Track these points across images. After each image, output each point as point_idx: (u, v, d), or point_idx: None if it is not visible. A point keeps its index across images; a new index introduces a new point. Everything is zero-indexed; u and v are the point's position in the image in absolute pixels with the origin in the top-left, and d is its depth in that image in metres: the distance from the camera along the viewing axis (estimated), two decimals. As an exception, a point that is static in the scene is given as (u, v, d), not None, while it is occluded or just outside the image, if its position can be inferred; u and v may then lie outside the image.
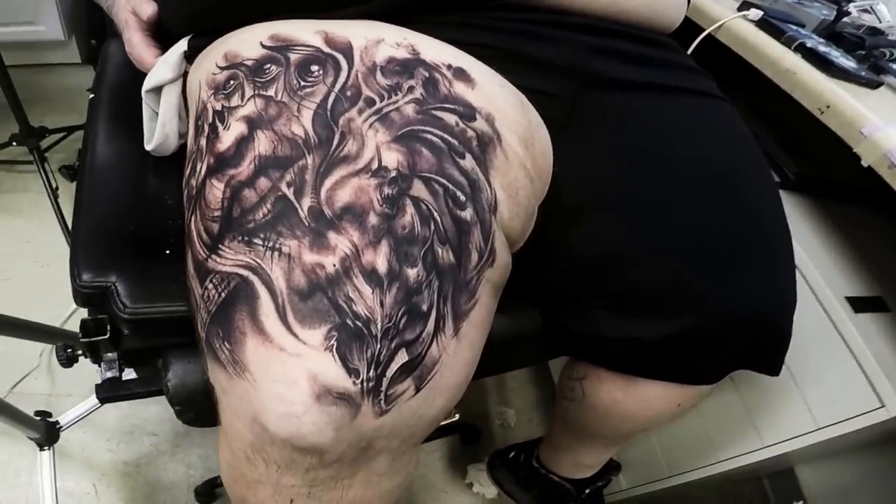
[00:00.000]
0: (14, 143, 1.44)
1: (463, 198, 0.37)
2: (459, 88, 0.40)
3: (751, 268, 0.51)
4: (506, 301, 0.58)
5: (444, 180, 0.37)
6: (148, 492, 0.98)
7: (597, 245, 0.51)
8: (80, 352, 0.48)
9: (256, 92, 0.38)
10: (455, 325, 0.36)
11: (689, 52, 0.77)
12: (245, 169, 0.36)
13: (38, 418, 0.83)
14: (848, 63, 0.64)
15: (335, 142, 0.36)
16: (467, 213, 0.37)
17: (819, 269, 0.64)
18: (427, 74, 0.39)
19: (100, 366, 0.48)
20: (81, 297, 0.47)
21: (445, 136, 0.38)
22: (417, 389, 0.35)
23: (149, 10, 0.53)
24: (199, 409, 0.46)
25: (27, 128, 1.39)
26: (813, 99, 0.62)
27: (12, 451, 0.93)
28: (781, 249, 0.53)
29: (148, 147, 0.57)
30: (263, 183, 0.35)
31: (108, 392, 0.46)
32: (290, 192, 0.35)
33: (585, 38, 0.49)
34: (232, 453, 0.37)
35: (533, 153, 0.43)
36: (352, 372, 0.32)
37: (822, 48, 0.66)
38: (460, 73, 0.41)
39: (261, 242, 0.34)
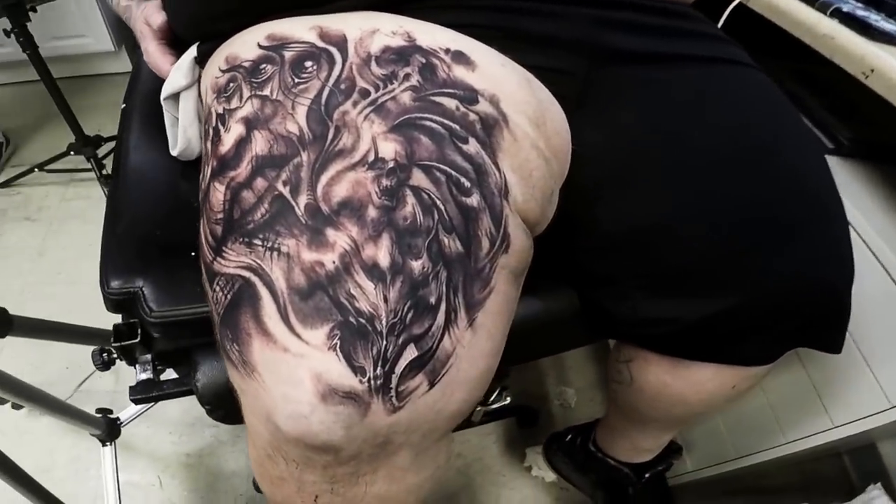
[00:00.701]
0: (72, 153, 1.53)
1: (468, 184, 0.36)
2: (459, 72, 0.39)
3: (803, 237, 0.47)
4: (540, 284, 0.57)
5: (446, 167, 0.35)
6: (210, 481, 1.03)
7: (625, 221, 0.49)
8: (115, 355, 0.51)
9: (253, 92, 0.38)
10: (469, 315, 0.35)
11: (721, 23, 0.75)
12: (243, 170, 0.36)
13: (100, 415, 0.89)
14: (889, 26, 0.61)
15: (330, 136, 0.35)
16: (474, 200, 0.36)
17: (881, 235, 0.60)
18: (424, 60, 0.38)
19: (135, 368, 0.50)
20: (111, 303, 0.48)
21: (446, 121, 0.36)
22: (431, 384, 0.34)
23: (159, 19, 0.55)
24: (228, 407, 0.47)
25: (83, 137, 1.48)
26: (855, 63, 0.59)
27: (82, 446, 1.00)
28: (836, 216, 0.50)
29: (173, 152, 0.58)
30: (260, 183, 0.35)
31: (141, 393, 0.48)
32: (286, 191, 0.34)
33: (588, 10, 0.47)
34: (256, 451, 0.38)
35: (546, 132, 0.42)
36: (357, 370, 0.32)
37: (861, 12, 0.63)
38: (459, 56, 0.39)
39: (260, 243, 0.34)
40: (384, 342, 0.32)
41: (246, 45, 0.41)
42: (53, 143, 1.70)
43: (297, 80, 0.37)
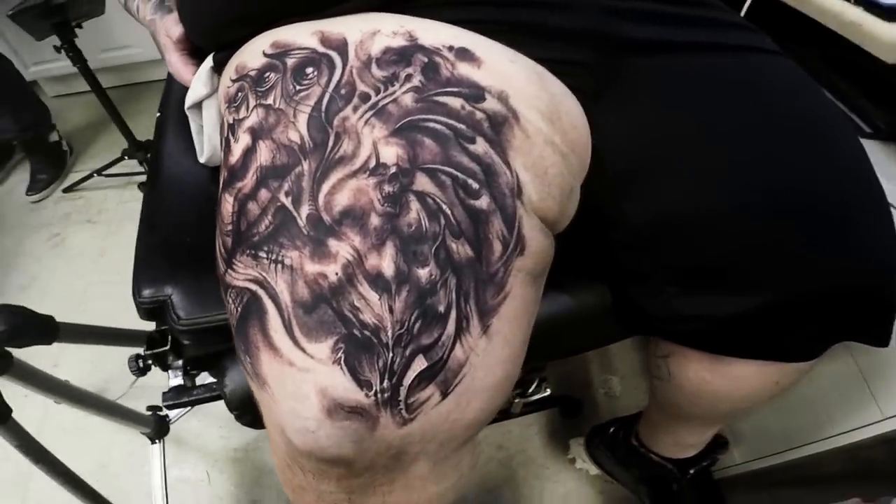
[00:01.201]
0: (126, 157, 1.60)
1: (476, 185, 0.35)
2: (464, 69, 0.37)
3: (856, 224, 0.44)
4: (570, 280, 0.56)
5: (451, 169, 0.34)
6: (255, 476, 1.05)
7: (654, 215, 0.47)
8: (150, 361, 0.53)
9: (258, 102, 0.38)
10: (482, 322, 0.34)
11: (743, 12, 0.74)
12: (249, 181, 0.36)
13: (149, 413, 0.93)
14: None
15: (330, 144, 0.35)
16: (483, 202, 0.35)
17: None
18: (426, 60, 0.37)
19: (168, 373, 0.52)
20: (143, 311, 0.50)
21: (450, 121, 0.35)
22: (444, 395, 0.33)
23: (178, 31, 0.56)
24: (255, 413, 0.47)
25: (135, 142, 1.54)
26: (884, 49, 0.59)
27: (137, 442, 1.04)
28: (883, 202, 0.47)
29: (201, 159, 0.60)
30: (264, 194, 0.35)
31: (173, 399, 0.49)
32: (288, 202, 0.34)
33: (597, 0, 0.45)
34: (277, 459, 0.39)
35: (561, 127, 0.40)
36: (363, 384, 0.31)
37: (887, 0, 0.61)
38: (463, 53, 0.38)
39: (265, 255, 0.34)
40: (390, 354, 0.32)
41: (253, 53, 0.41)
42: (110, 149, 1.79)
43: (298, 88, 0.37)
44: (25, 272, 1.49)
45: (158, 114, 0.72)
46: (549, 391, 0.98)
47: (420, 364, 0.32)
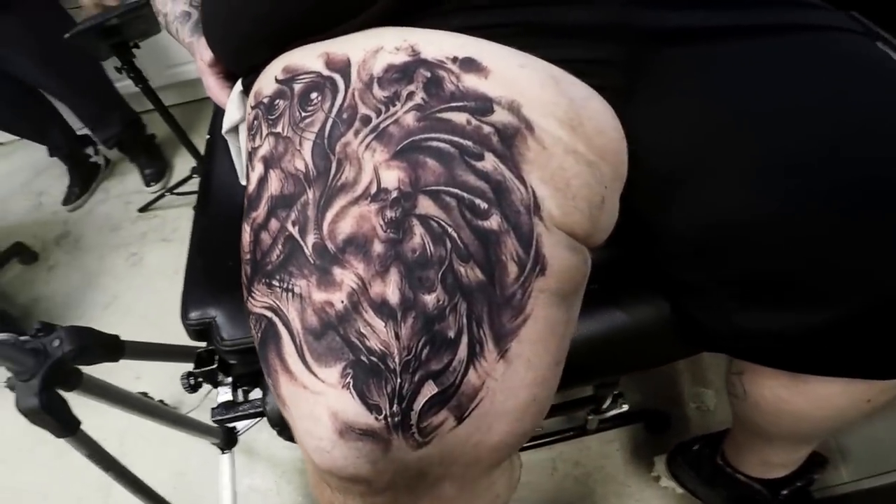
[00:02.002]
0: (195, 175, 1.71)
1: (484, 205, 0.35)
2: (469, 81, 0.37)
3: None
4: (626, 293, 0.55)
5: (456, 190, 0.35)
6: (322, 489, 1.12)
7: (702, 221, 0.44)
8: (199, 378, 0.58)
9: (269, 130, 0.40)
10: (499, 347, 0.35)
11: None
12: (262, 211, 0.39)
13: (218, 425, 1.00)
14: None
15: (332, 171, 0.36)
16: (493, 222, 0.35)
17: None
18: (429, 74, 0.37)
19: (217, 390, 0.56)
20: (191, 332, 0.55)
21: (455, 138, 0.36)
22: (459, 419, 0.34)
23: (209, 54, 0.58)
24: (294, 430, 0.52)
25: (201, 159, 1.61)
26: None
27: (211, 451, 1.10)
28: None
29: (242, 182, 0.63)
30: (274, 224, 0.37)
31: (221, 415, 0.54)
32: (295, 231, 0.36)
33: None
34: (310, 475, 0.42)
35: (584, 133, 0.39)
36: (372, 408, 0.33)
37: None
38: (469, 64, 0.38)
39: (277, 284, 0.36)
40: (398, 380, 0.33)
41: (267, 79, 0.43)
42: (181, 167, 1.94)
43: (303, 115, 0.39)
44: (107, 291, 1.64)
45: (208, 136, 0.78)
46: (625, 407, 0.97)
47: (430, 389, 0.33)
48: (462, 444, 0.35)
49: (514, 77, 0.38)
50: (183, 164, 1.95)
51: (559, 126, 0.38)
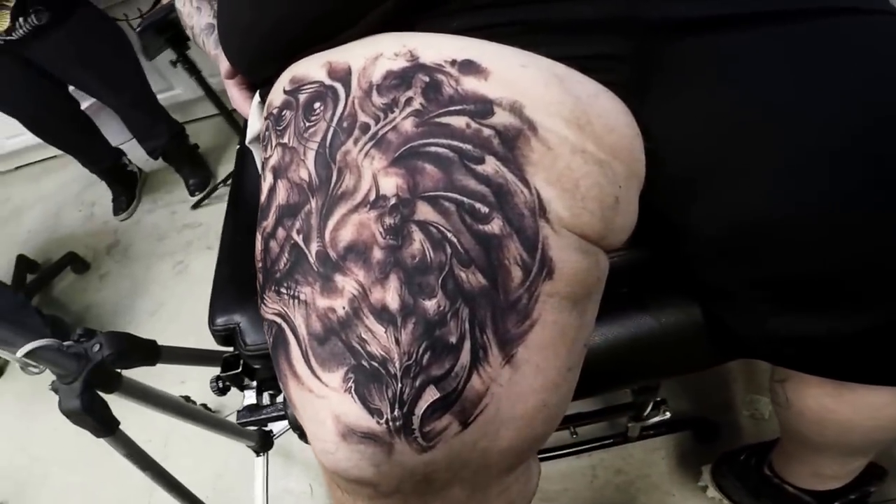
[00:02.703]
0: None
1: (485, 209, 0.35)
2: (469, 84, 0.38)
3: None
4: (654, 297, 0.54)
5: (455, 195, 0.35)
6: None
7: (726, 221, 0.43)
8: (227, 382, 0.61)
9: (278, 141, 0.42)
10: (504, 352, 0.35)
11: None
12: (271, 220, 0.41)
13: (255, 428, 1.04)
14: None
15: (333, 180, 0.37)
16: (494, 226, 0.35)
17: None
18: (427, 79, 0.38)
19: (243, 393, 0.59)
20: (218, 338, 0.58)
21: (454, 143, 0.36)
22: (464, 424, 0.35)
23: (226, 65, 0.60)
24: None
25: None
26: None
27: (249, 453, 1.14)
28: None
29: None
30: (281, 233, 0.39)
31: (246, 417, 0.57)
32: (300, 239, 0.38)
33: None
34: (324, 476, 0.43)
35: (593, 131, 0.39)
36: (373, 412, 0.34)
37: None
38: (468, 66, 0.38)
39: (285, 291, 0.38)
40: (399, 385, 0.34)
41: (277, 90, 0.45)
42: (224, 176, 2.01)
43: (307, 125, 0.40)
44: (154, 299, 1.72)
45: (239, 146, 0.81)
46: (668, 414, 0.95)
47: (432, 394, 0.34)
48: (469, 449, 0.36)
49: (516, 77, 0.38)
50: (225, 173, 2.02)
51: (565, 125, 0.38)
